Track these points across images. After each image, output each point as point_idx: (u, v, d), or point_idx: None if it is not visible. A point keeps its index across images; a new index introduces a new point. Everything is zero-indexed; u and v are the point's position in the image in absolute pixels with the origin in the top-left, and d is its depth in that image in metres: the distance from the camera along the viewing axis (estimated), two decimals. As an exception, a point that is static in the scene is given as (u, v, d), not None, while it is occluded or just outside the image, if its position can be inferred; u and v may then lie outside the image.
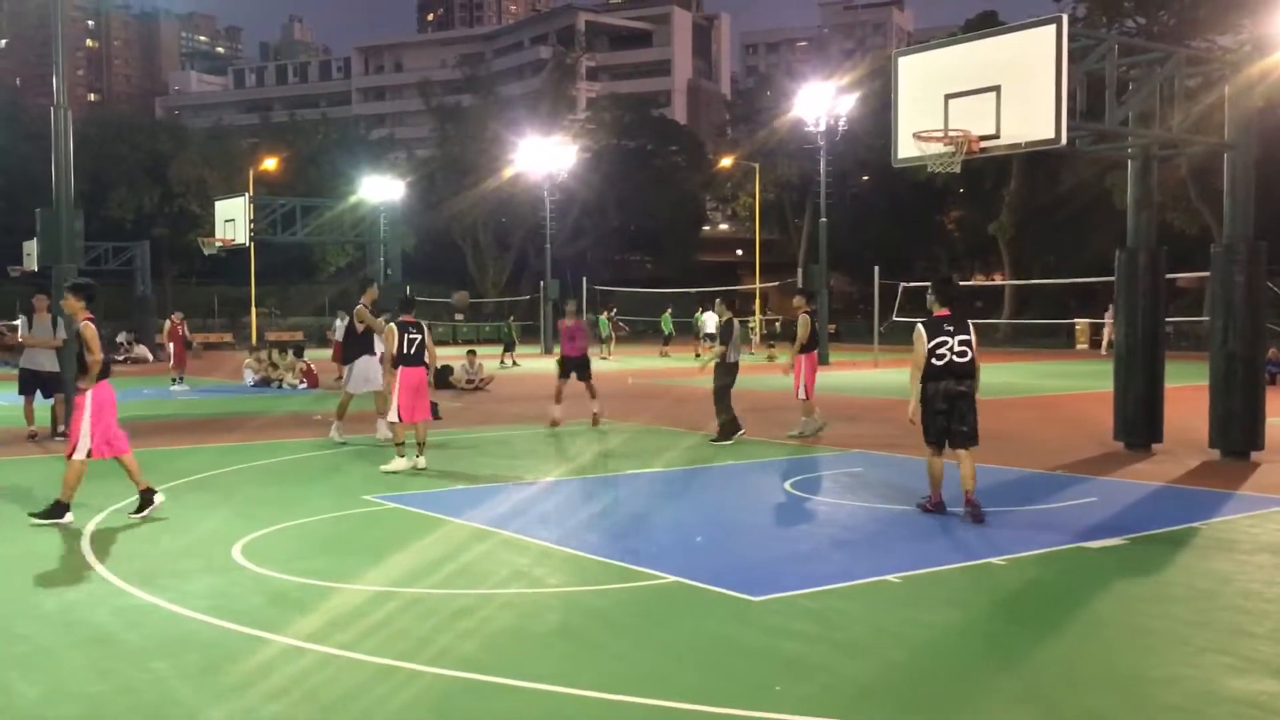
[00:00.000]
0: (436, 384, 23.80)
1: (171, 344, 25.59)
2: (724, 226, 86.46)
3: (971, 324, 9.40)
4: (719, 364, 14.71)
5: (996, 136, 11.40)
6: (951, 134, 11.54)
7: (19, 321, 15.73)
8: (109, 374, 9.36)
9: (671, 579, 7.23)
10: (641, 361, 36.83)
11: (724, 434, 14.50)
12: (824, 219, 39.52)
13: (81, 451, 9.13)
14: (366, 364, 14.82)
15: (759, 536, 8.90)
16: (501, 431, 16.48)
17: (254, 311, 52.37)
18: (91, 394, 9.14)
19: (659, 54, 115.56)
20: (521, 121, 60.95)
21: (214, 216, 30.59)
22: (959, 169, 11.96)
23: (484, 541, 8.51)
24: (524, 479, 11.76)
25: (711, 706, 4.96)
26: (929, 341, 9.20)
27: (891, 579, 7.25)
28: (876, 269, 35.77)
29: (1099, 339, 40.15)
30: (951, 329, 9.25)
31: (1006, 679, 5.44)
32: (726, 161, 64.26)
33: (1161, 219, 24.83)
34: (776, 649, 5.81)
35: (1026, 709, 4.99)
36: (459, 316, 61.18)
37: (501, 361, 34.59)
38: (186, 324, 27.17)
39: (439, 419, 17.66)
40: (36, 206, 17.23)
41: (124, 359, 38.36)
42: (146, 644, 5.96)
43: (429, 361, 12.50)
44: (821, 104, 40.24)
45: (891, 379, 26.29)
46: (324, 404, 20.69)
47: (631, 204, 71.40)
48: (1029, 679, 5.42)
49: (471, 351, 25.68)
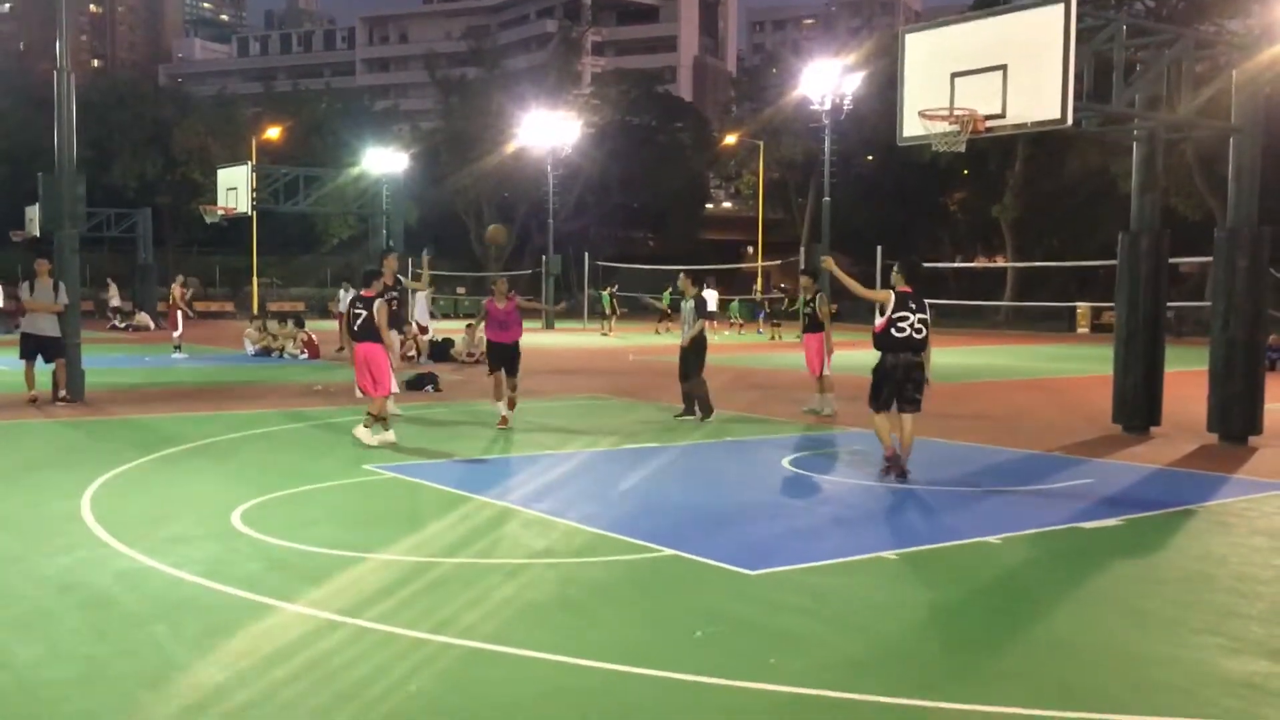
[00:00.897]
0: (436, 358, 23.93)
1: (178, 311, 25.57)
2: (727, 205, 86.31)
3: (928, 304, 10.28)
4: (696, 339, 14.49)
5: (1002, 116, 11.36)
6: (957, 113, 11.50)
7: (22, 286, 15.71)
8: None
9: (669, 552, 7.25)
10: (642, 338, 36.82)
11: (706, 409, 14.34)
12: (827, 198, 39.44)
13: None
14: None
15: (757, 512, 8.92)
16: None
17: (255, 281, 52.32)
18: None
19: (665, 30, 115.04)
20: (526, 95, 60.71)
21: (216, 185, 30.53)
22: (964, 148, 11.93)
23: (483, 512, 8.54)
24: (524, 451, 11.79)
25: (707, 677, 5.00)
26: (895, 312, 9.86)
27: (888, 556, 7.28)
28: (879, 249, 35.70)
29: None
30: (914, 305, 9.97)
31: (1001, 656, 5.47)
32: (731, 139, 64.02)
33: (1165, 203, 24.75)
34: (772, 623, 5.84)
35: (1020, 686, 5.01)
36: (461, 290, 61.18)
37: None
38: (189, 291, 27.18)
39: (439, 391, 17.71)
40: (39, 171, 17.21)
41: (126, 326, 38.40)
42: (145, 607, 5.99)
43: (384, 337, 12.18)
44: (827, 82, 40.10)
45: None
46: (325, 374, 20.73)
47: (635, 180, 71.20)
48: (1023, 656, 5.45)
49: (471, 325, 25.66)
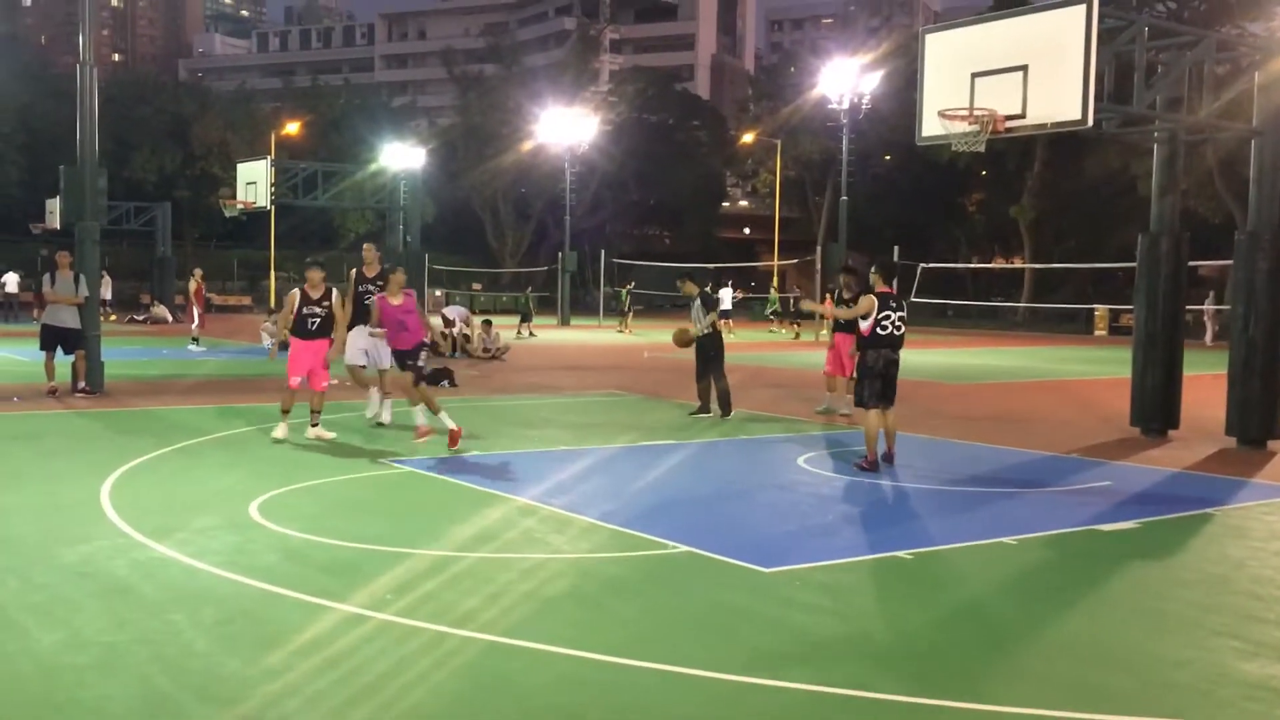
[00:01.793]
0: (451, 352, 24.05)
1: (195, 303, 25.71)
2: (744, 203, 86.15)
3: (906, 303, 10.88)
4: (709, 336, 14.41)
5: (1023, 116, 11.32)
6: (977, 113, 11.46)
7: (44, 278, 15.81)
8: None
9: (683, 549, 7.26)
10: (660, 336, 36.83)
11: (725, 407, 14.32)
12: (844, 197, 39.34)
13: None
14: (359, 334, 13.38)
15: (771, 510, 8.92)
16: (516, 400, 16.53)
17: (273, 275, 52.50)
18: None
19: (684, 28, 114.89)
20: (544, 92, 60.71)
21: (236, 179, 30.65)
22: (983, 148, 11.89)
23: (498, 506, 8.56)
24: (541, 447, 11.82)
25: (722, 674, 5.00)
26: (878, 312, 10.38)
27: (903, 555, 7.27)
28: (896, 249, 35.62)
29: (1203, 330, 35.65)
30: (894, 305, 10.53)
31: (1017, 656, 5.46)
32: (748, 138, 63.90)
33: (1185, 206, 24.63)
34: (786, 620, 5.84)
35: (1036, 686, 5.01)
36: (476, 286, 61.28)
37: (519, 332, 34.68)
38: (204, 285, 27.32)
39: (455, 386, 17.75)
40: (60, 164, 17.31)
41: (144, 319, 38.58)
42: (163, 596, 6.03)
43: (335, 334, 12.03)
44: (845, 82, 40.00)
45: (911, 359, 26.22)
46: (340, 368, 20.77)
47: (652, 178, 71.16)
48: (1039, 657, 5.44)
49: (488, 322, 25.76)
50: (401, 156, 28.40)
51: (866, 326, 10.49)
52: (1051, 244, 55.82)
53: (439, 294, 50.98)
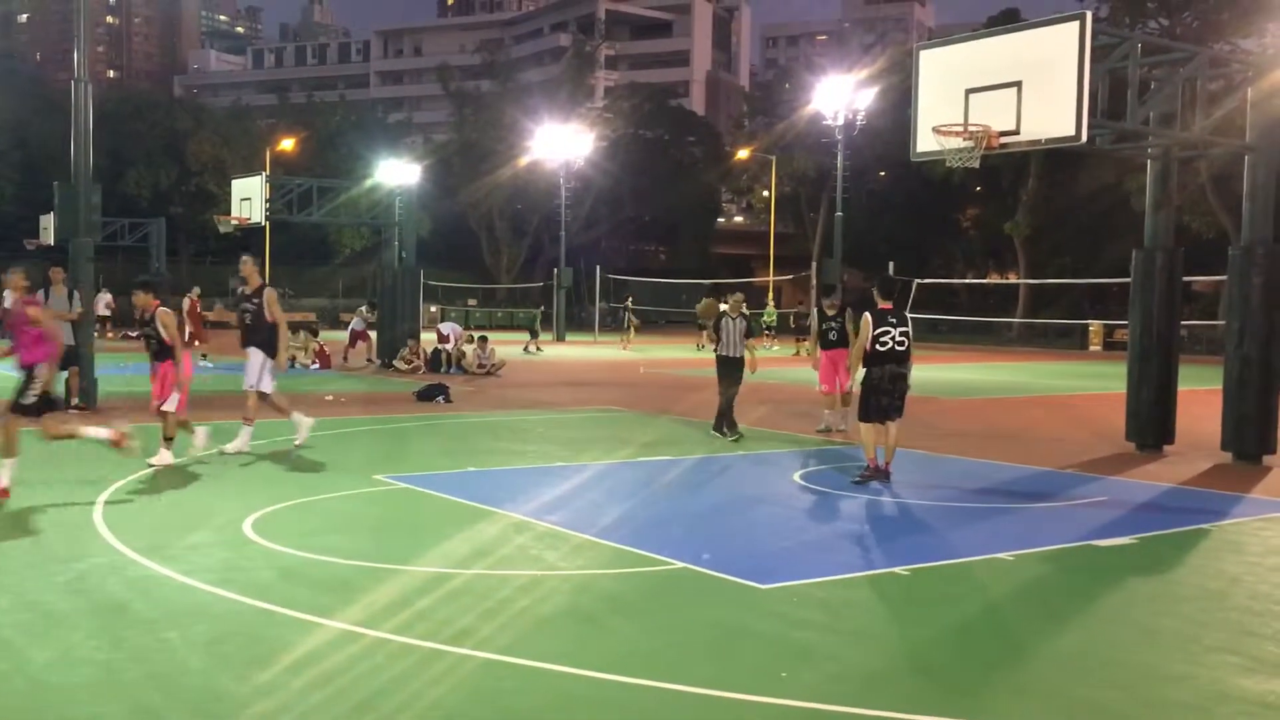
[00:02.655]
0: (434, 367, 24.05)
1: (189, 321, 25.65)
2: (739, 219, 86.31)
3: (910, 318, 11.02)
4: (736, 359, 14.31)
5: (1017, 133, 11.35)
6: (971, 129, 11.50)
7: (37, 294, 15.75)
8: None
9: (680, 565, 7.24)
10: (657, 352, 36.82)
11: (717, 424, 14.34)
12: (840, 213, 39.41)
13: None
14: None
15: (767, 526, 8.90)
16: (511, 416, 16.50)
17: (268, 292, 52.44)
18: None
19: (679, 44, 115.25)
20: (539, 108, 60.86)
21: (230, 196, 30.63)
22: (978, 164, 11.93)
23: (494, 523, 8.53)
24: (535, 463, 11.79)
25: (718, 691, 4.98)
26: (874, 329, 10.50)
27: (899, 571, 7.25)
28: (891, 264, 35.69)
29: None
30: (894, 320, 10.64)
31: (1013, 672, 5.44)
32: (743, 154, 64.10)
33: (1179, 221, 24.71)
34: (784, 637, 5.82)
35: (1033, 702, 4.99)
36: (472, 302, 61.27)
37: (526, 348, 34.71)
38: (199, 302, 27.29)
39: (450, 402, 17.72)
40: (55, 180, 17.30)
41: (137, 335, 38.51)
42: (157, 614, 6.00)
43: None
44: (840, 98, 40.11)
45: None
46: (335, 385, 20.79)
47: (647, 194, 71.28)
48: (1036, 672, 5.42)
49: (483, 338, 25.75)
50: (397, 172, 28.37)
51: (869, 345, 10.57)
52: (1046, 259, 55.94)
53: (434, 309, 50.99)
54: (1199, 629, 6.13)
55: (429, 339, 26.64)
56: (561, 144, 49.17)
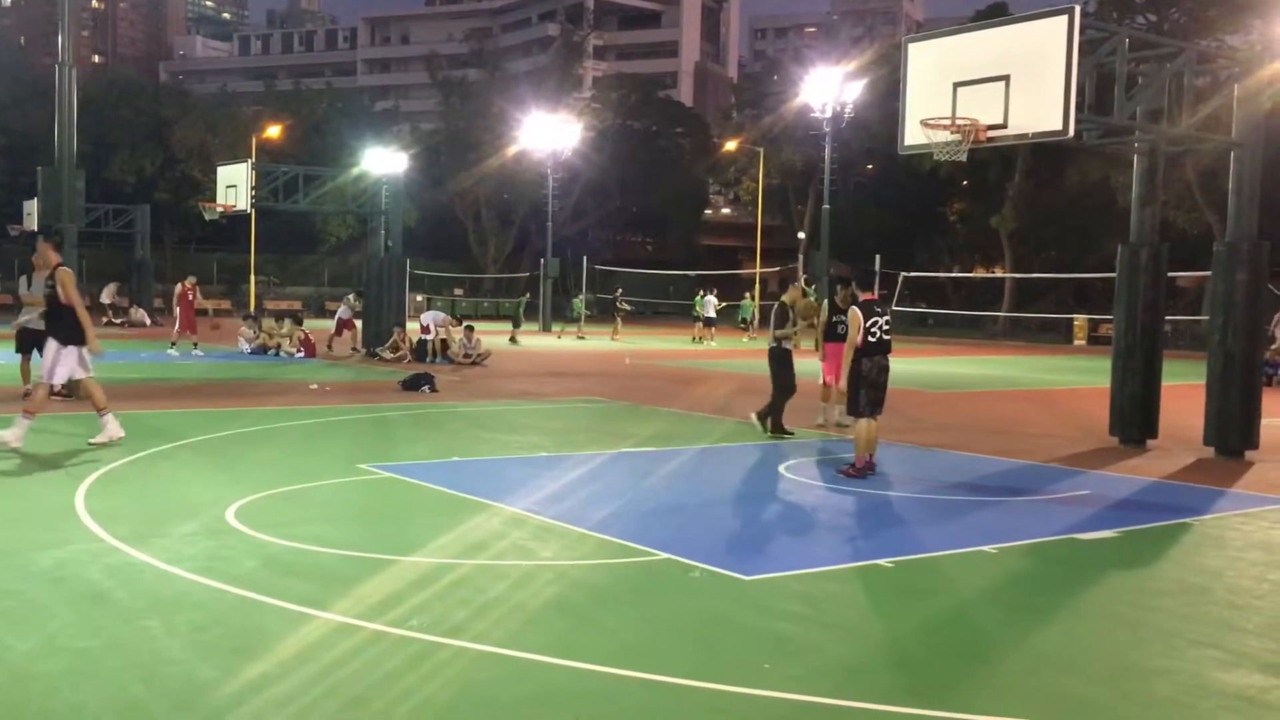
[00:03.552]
0: (420, 357, 24.01)
1: (179, 309, 25.56)
2: (726, 210, 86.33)
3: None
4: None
5: (1004, 126, 11.37)
6: (959, 122, 11.51)
7: (19, 280, 15.67)
8: None
9: (664, 556, 7.23)
10: (644, 343, 36.82)
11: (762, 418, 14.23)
12: (827, 205, 39.44)
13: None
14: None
15: (752, 518, 8.90)
16: (498, 406, 16.48)
17: (253, 279, 52.27)
18: None
19: (667, 35, 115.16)
20: (527, 98, 60.78)
21: (216, 182, 30.47)
22: (965, 158, 11.97)
23: (478, 513, 8.51)
24: (519, 454, 11.77)
25: (701, 682, 4.98)
26: (865, 321, 10.60)
27: (883, 563, 7.27)
28: (878, 257, 35.74)
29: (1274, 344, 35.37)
30: (880, 310, 10.80)
31: (995, 665, 5.45)
32: (731, 145, 64.09)
33: (1165, 218, 24.80)
34: (766, 628, 5.82)
35: (1015, 695, 5.00)
36: (458, 291, 61.17)
37: (512, 339, 34.69)
38: (199, 290, 27.24)
39: (436, 392, 17.69)
40: (38, 166, 17.19)
41: (121, 322, 38.31)
42: (138, 602, 5.97)
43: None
44: (828, 90, 40.15)
45: (893, 367, 26.24)
46: (320, 373, 20.74)
47: (635, 185, 71.25)
48: (1018, 666, 5.43)
49: (470, 327, 25.70)
50: (383, 161, 28.25)
51: (860, 337, 10.63)
52: (1032, 254, 56.13)
53: (419, 299, 50.88)
54: (1181, 623, 6.15)
55: (413, 329, 26.58)
56: (549, 134, 49.08)
